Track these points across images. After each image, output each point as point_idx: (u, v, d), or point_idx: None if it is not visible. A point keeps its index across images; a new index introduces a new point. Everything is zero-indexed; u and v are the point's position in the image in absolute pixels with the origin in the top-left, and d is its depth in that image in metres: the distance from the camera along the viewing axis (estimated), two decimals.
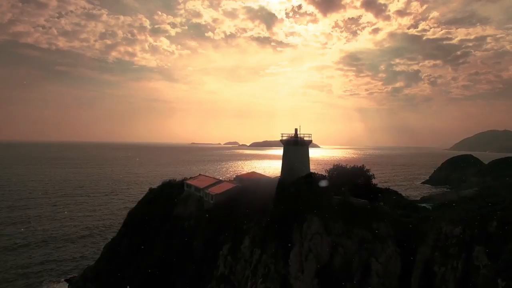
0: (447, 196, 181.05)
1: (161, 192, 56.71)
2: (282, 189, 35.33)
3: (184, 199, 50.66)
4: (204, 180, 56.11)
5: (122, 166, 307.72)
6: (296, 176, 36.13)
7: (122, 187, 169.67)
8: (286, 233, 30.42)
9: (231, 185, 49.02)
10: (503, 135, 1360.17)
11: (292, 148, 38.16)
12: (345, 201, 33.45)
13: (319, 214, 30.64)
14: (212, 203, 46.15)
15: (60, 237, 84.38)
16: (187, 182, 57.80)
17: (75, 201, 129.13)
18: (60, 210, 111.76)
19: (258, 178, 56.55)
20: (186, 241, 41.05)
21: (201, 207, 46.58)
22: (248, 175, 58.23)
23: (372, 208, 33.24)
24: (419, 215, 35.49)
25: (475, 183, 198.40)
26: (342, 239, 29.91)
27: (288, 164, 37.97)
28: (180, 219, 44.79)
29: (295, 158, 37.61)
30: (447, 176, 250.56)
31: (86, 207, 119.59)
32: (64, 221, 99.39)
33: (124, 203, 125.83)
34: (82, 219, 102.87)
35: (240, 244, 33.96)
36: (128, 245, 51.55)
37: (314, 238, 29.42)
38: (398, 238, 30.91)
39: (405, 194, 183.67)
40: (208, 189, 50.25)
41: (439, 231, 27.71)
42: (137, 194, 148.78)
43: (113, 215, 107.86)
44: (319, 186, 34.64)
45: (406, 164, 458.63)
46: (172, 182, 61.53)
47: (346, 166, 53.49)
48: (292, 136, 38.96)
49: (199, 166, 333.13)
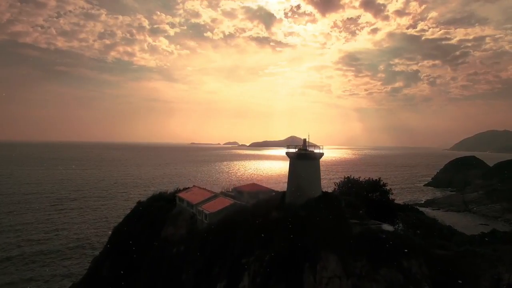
0: (452, 200, 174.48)
1: (149, 207, 50.36)
2: (288, 214, 29.03)
3: (175, 217, 44.29)
4: (197, 193, 49.75)
5: (121, 167, 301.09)
6: (305, 197, 29.89)
7: (120, 190, 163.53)
8: (295, 275, 24.22)
9: (228, 201, 42.64)
10: (503, 135, 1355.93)
11: (301, 163, 31.73)
12: (368, 231, 27.11)
13: (337, 249, 24.44)
14: (206, 224, 39.82)
15: (47, 249, 78.00)
16: (179, 195, 51.52)
17: (68, 206, 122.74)
18: (51, 217, 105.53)
19: (258, 191, 50.32)
20: (175, 271, 34.74)
21: (193, 227, 40.23)
22: (248, 187, 51.89)
23: (402, 238, 26.86)
24: (458, 248, 29.05)
25: (480, 186, 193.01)
26: (366, 283, 23.66)
27: (296, 182, 31.56)
28: (169, 243, 38.46)
29: (304, 175, 31.23)
30: (450, 178, 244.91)
31: (79, 213, 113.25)
32: (54, 230, 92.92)
33: (120, 209, 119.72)
34: (74, 227, 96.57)
35: (237, 282, 27.69)
36: (111, 268, 45.29)
37: (332, 282, 23.23)
38: (435, 279, 24.63)
39: (409, 196, 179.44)
40: (201, 205, 43.94)
41: (496, 277, 21.61)
42: (134, 198, 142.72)
43: (107, 222, 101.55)
44: (336, 210, 28.32)
45: (407, 165, 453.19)
46: (163, 195, 55.34)
47: (359, 179, 47.30)
48: (300, 147, 32.68)
49: (198, 167, 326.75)
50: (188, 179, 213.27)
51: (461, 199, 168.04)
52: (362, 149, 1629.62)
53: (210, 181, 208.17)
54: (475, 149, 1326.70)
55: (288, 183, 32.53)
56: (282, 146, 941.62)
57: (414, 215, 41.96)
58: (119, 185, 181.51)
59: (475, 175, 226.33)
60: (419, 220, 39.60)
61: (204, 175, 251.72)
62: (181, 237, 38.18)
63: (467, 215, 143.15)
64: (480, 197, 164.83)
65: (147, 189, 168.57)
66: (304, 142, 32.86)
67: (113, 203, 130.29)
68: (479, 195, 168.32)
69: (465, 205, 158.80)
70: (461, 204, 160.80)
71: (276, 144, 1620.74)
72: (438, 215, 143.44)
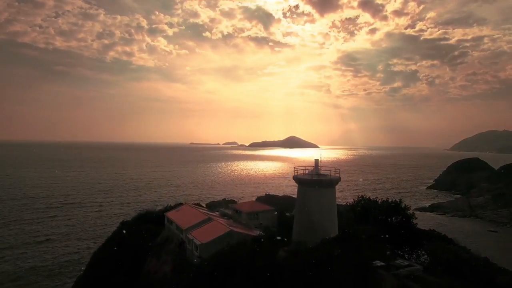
0: (458, 204, 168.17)
1: (134, 230, 43.81)
2: (297, 258, 22.51)
3: (160, 246, 37.77)
4: (188, 214, 43.20)
5: (119, 168, 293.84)
6: (318, 236, 23.42)
7: (116, 194, 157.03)
8: None
9: (223, 228, 36.09)
10: (503, 135, 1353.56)
11: (313, 192, 24.85)
12: None
13: None
14: (196, 257, 33.31)
15: (28, 268, 71.02)
16: (168, 215, 45.06)
17: (59, 214, 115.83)
18: (38, 229, 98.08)
19: (259, 212, 43.85)
20: None
21: (181, 262, 33.63)
22: (247, 206, 45.37)
23: None
24: None
25: (485, 190, 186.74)
26: None
27: (306, 216, 24.83)
28: (150, 283, 31.92)
29: (317, 207, 24.58)
30: (453, 180, 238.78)
31: (70, 223, 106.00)
32: (40, 243, 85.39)
33: (113, 217, 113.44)
34: (62, 239, 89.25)
35: None
36: None
37: None
38: None
39: (412, 201, 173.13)
40: (192, 231, 37.43)
41: None
42: (130, 204, 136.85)
43: (96, 235, 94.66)
44: (360, 259, 21.76)
45: (408, 166, 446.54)
46: (151, 214, 48.85)
47: (375, 200, 40.79)
48: (311, 171, 25.97)
49: (196, 169, 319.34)
50: (183, 184, 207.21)
51: (466, 204, 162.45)
52: (361, 149, 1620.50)
53: (206, 186, 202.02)
54: (475, 149, 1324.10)
55: (295, 216, 25.76)
56: (281, 146, 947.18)
57: (442, 245, 35.44)
58: (115, 189, 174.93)
59: (480, 177, 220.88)
60: (449, 251, 33.07)
61: (201, 179, 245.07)
62: (164, 276, 31.61)
63: (474, 221, 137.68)
64: (487, 201, 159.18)
65: (141, 195, 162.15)
66: (316, 164, 26.13)
67: (104, 214, 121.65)
68: (486, 199, 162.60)
69: (471, 210, 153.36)
70: (467, 209, 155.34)
71: (275, 144, 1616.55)
72: (444, 220, 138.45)
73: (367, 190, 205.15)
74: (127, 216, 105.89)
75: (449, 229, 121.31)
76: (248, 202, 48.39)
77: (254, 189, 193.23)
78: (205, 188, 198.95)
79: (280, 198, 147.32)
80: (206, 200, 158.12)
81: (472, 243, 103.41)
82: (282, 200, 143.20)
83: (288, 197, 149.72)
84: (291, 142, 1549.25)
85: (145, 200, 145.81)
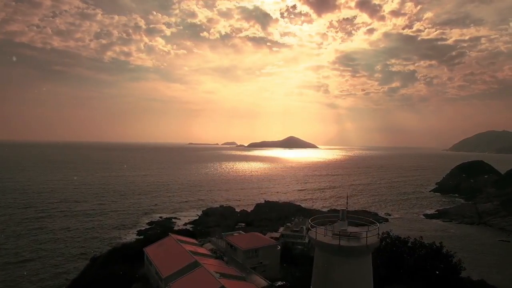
0: (465, 210, 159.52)
1: (104, 272, 35.41)
2: None
3: None
4: (171, 253, 34.91)
5: (116, 171, 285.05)
6: None
7: (110, 199, 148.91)
8: None
9: (211, 283, 27.67)
10: (502, 136, 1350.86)
11: (340, 262, 16.26)
12: None
13: None
14: None
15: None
16: (147, 252, 36.77)
17: (50, 223, 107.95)
18: (16, 245, 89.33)
19: (258, 249, 35.66)
20: None
21: None
22: (244, 240, 37.19)
23: None
24: None
25: (493, 195, 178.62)
26: None
27: None
28: None
29: (345, 283, 16.06)
30: (457, 184, 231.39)
31: (58, 236, 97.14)
32: (20, 261, 76.52)
33: (105, 229, 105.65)
34: (42, 254, 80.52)
35: None
36: None
37: None
38: None
39: (417, 206, 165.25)
40: (173, 283, 29.13)
41: None
42: (120, 214, 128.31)
43: (83, 252, 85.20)
44: None
45: (409, 168, 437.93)
46: (127, 247, 40.48)
47: (406, 239, 31.95)
48: (335, 226, 17.30)
49: (195, 170, 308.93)
50: (180, 189, 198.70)
51: (474, 210, 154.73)
52: (360, 149, 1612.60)
53: (203, 190, 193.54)
54: (475, 150, 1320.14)
55: None
56: (280, 146, 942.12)
57: None
58: (109, 194, 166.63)
59: (485, 181, 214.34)
60: None
61: (198, 182, 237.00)
62: None
63: (483, 228, 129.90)
64: (496, 208, 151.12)
65: (134, 204, 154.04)
66: (342, 214, 17.75)
67: (90, 226, 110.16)
68: (494, 205, 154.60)
69: (479, 217, 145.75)
70: (474, 215, 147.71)
71: (274, 144, 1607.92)
72: (452, 229, 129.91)
73: (372, 196, 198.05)
74: (109, 236, 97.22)
75: (458, 238, 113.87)
76: (246, 235, 40.07)
77: (253, 193, 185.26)
78: (203, 192, 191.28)
79: (281, 205, 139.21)
80: (203, 206, 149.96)
81: (483, 255, 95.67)
82: (284, 207, 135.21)
83: (289, 204, 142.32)
84: (290, 142, 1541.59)
85: (138, 210, 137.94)
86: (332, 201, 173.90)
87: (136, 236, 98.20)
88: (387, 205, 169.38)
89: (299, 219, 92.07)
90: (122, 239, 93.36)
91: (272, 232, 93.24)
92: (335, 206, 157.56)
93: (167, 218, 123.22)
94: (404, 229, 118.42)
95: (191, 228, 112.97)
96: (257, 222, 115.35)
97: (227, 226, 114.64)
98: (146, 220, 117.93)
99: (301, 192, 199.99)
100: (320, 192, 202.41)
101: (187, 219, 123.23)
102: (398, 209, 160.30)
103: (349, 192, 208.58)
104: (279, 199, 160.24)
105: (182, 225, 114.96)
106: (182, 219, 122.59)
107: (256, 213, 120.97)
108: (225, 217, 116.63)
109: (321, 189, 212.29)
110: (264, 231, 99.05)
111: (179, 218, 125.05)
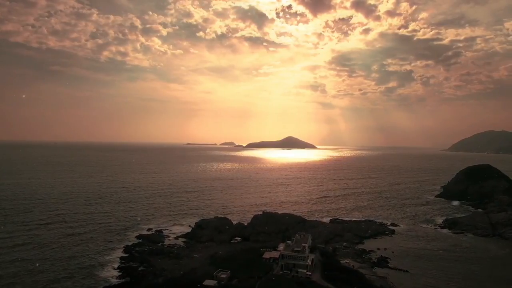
0: (476, 220, 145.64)
1: None
2: None
3: None
4: None
5: (114, 173, 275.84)
6: None
7: (99, 209, 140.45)
8: None
9: None
10: (501, 136, 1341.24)
11: None
12: None
13: None
14: None
15: None
16: None
17: (43, 232, 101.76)
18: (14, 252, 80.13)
19: None
20: None
21: None
22: None
23: None
24: None
25: (506, 204, 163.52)
26: None
27: None
28: None
29: None
30: (464, 189, 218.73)
31: (50, 244, 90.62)
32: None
33: (90, 244, 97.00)
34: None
35: None
36: None
37: None
38: None
39: (423, 214, 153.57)
40: None
41: None
42: (109, 223, 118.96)
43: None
44: None
45: (410, 169, 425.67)
46: None
47: None
48: None
49: (192, 173, 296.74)
50: (174, 193, 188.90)
51: (487, 220, 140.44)
52: (358, 149, 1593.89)
53: (199, 198, 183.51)
54: (473, 150, 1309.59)
55: None
56: (279, 146, 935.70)
57: None
58: (104, 197, 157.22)
59: (494, 188, 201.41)
60: None
61: (193, 187, 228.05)
62: None
63: (499, 242, 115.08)
64: (511, 218, 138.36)
65: (127, 213, 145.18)
66: None
67: (76, 244, 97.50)
68: (509, 215, 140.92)
69: (493, 228, 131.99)
70: (487, 226, 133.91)
71: (273, 144, 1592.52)
72: (465, 243, 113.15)
73: (376, 200, 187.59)
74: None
75: (474, 254, 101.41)
76: None
77: (250, 202, 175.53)
78: (198, 199, 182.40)
79: (280, 216, 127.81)
80: (197, 215, 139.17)
81: (507, 277, 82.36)
82: (283, 219, 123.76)
83: (289, 215, 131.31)
84: (289, 142, 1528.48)
85: (127, 220, 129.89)
86: (333, 210, 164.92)
87: (123, 253, 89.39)
88: (392, 212, 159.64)
89: (300, 236, 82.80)
90: (106, 261, 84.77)
91: (271, 250, 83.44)
92: (338, 215, 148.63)
93: (158, 230, 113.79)
94: (414, 243, 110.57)
95: (182, 243, 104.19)
96: (254, 236, 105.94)
97: (222, 241, 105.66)
98: (135, 234, 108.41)
99: (301, 199, 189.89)
100: (320, 200, 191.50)
101: (179, 231, 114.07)
102: (404, 217, 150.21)
103: (352, 198, 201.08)
104: (277, 208, 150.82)
105: (173, 239, 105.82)
106: (173, 232, 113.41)
107: (253, 226, 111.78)
108: (220, 230, 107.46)
109: (321, 197, 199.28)
110: (262, 248, 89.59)
111: (170, 230, 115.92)
